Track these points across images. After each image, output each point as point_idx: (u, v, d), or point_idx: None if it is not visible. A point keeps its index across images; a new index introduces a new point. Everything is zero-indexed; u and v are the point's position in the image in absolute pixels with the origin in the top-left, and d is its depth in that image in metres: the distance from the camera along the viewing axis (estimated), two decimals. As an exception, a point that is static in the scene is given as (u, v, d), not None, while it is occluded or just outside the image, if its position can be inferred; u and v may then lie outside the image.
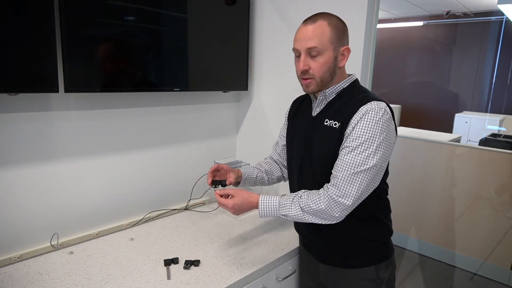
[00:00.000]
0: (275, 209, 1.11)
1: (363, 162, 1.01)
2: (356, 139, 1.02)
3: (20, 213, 1.33)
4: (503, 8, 3.42)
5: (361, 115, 1.03)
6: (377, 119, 1.02)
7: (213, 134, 2.01)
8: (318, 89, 1.13)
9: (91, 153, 1.49)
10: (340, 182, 1.03)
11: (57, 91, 1.21)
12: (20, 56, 1.12)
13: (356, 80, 1.18)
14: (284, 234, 1.55)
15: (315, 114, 1.19)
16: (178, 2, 1.56)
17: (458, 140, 3.51)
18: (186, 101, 1.83)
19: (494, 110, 4.94)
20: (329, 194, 1.03)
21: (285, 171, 1.43)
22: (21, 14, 1.10)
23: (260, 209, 1.12)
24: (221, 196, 1.18)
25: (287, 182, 1.39)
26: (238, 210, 1.15)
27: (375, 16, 1.57)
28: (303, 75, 1.12)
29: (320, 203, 1.04)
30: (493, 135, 3.80)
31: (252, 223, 1.66)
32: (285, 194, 1.14)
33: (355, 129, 1.03)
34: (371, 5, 1.53)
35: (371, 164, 1.01)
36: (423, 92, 5.63)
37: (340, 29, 1.10)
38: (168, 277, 1.19)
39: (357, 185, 1.02)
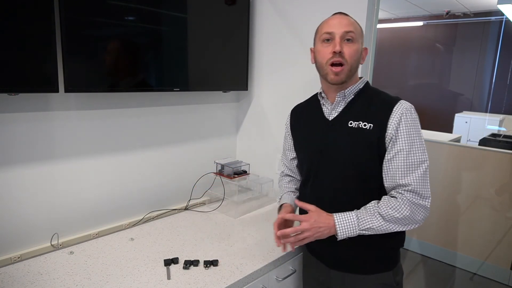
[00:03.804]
0: (353, 224, 1.06)
1: (422, 159, 1.05)
2: (407, 140, 1.05)
3: (20, 213, 1.33)
4: (503, 8, 3.43)
5: (399, 116, 1.06)
6: (414, 117, 1.08)
7: (213, 134, 2.01)
8: (346, 79, 1.11)
9: (91, 153, 1.49)
10: (415, 184, 1.04)
11: (57, 91, 1.21)
12: (20, 56, 1.12)
13: (368, 81, 1.21)
14: (284, 234, 1.55)
15: (332, 118, 1.18)
16: (178, 2, 1.56)
17: (458, 140, 3.51)
18: (186, 101, 1.83)
19: (494, 110, 4.94)
20: (409, 200, 1.04)
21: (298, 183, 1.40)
22: (21, 14, 1.10)
23: (337, 228, 1.06)
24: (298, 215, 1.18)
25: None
26: (316, 225, 1.08)
27: (375, 16, 1.57)
28: (337, 57, 1.08)
29: (403, 210, 1.03)
30: (493, 135, 3.80)
31: (252, 223, 1.65)
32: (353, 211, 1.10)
33: (400, 131, 1.05)
34: (371, 5, 1.53)
35: (427, 158, 1.06)
36: (423, 92, 5.63)
37: (362, 30, 1.17)
38: (168, 277, 1.19)
39: (427, 183, 1.05)
